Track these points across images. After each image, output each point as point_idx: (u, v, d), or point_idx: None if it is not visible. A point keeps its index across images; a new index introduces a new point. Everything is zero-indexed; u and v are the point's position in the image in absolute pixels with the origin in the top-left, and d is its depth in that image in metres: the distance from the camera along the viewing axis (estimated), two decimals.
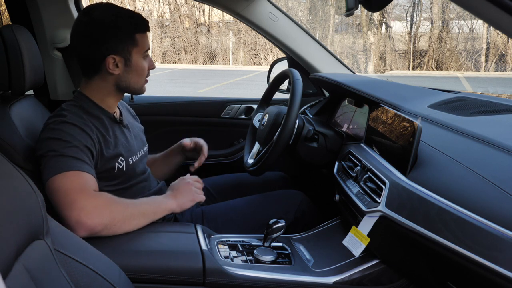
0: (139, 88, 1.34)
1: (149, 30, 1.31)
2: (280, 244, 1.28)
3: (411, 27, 15.28)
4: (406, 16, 15.69)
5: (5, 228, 0.59)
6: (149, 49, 1.32)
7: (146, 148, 1.47)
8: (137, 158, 1.36)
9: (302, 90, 1.39)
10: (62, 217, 1.09)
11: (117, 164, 1.26)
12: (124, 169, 1.29)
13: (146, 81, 1.36)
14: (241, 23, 2.03)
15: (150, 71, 1.35)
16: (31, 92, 1.88)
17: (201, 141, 1.60)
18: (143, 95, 1.39)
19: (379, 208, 1.03)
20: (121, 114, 1.40)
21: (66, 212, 1.08)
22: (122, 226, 1.13)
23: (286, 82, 1.79)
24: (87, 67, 1.28)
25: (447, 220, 0.85)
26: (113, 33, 1.23)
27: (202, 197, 1.32)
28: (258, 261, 1.17)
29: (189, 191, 1.30)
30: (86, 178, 1.14)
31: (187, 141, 1.60)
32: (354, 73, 2.08)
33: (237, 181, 1.74)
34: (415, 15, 15.46)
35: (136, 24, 1.27)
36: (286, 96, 1.97)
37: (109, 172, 1.26)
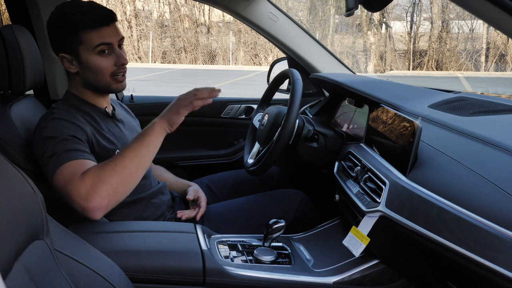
0: (104, 86, 1.28)
1: (101, 25, 1.22)
2: (280, 244, 1.28)
3: (411, 27, 15.29)
4: (406, 16, 15.70)
5: (5, 228, 0.59)
6: (105, 44, 1.23)
7: None
8: None
9: (302, 90, 1.39)
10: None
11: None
12: None
13: (116, 78, 1.28)
14: (241, 23, 2.03)
15: (127, 66, 1.30)
16: (31, 92, 1.88)
17: (202, 196, 1.50)
18: (143, 95, 1.39)
19: (379, 208, 1.04)
20: (114, 109, 1.40)
21: (73, 206, 1.08)
22: (125, 183, 1.11)
23: (286, 82, 1.79)
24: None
25: (447, 220, 0.85)
26: (57, 32, 1.24)
27: (188, 107, 1.20)
28: (258, 261, 1.17)
29: (177, 104, 1.20)
30: (74, 165, 1.11)
31: (190, 196, 1.50)
32: (354, 73, 2.08)
33: (237, 177, 1.74)
34: (415, 15, 15.48)
35: (78, 21, 1.20)
36: (286, 96, 1.97)
37: None
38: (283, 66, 2.10)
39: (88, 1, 1.27)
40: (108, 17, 1.23)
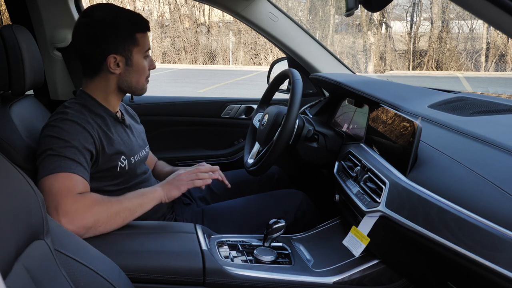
0: (140, 87, 1.34)
1: (149, 30, 1.32)
2: (280, 244, 1.28)
3: (411, 27, 15.29)
4: (406, 16, 15.70)
5: (5, 228, 0.59)
6: (149, 49, 1.32)
7: (147, 149, 1.47)
8: (139, 158, 1.36)
9: (302, 90, 1.39)
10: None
11: (119, 162, 1.26)
12: (127, 168, 1.29)
13: (147, 81, 1.36)
14: (241, 23, 2.03)
15: (151, 71, 1.35)
16: (31, 92, 1.88)
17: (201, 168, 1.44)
18: (143, 95, 1.39)
19: (379, 208, 1.04)
20: (122, 114, 1.40)
21: (51, 215, 1.07)
22: (108, 225, 1.12)
23: (286, 82, 1.79)
24: (89, 67, 1.29)
25: (447, 220, 0.85)
26: (113, 33, 1.23)
27: (189, 184, 1.27)
28: (258, 261, 1.17)
29: (179, 180, 1.27)
30: (75, 180, 1.12)
31: None
32: (354, 73, 2.08)
33: (237, 177, 1.74)
34: (415, 15, 15.47)
35: (136, 24, 1.27)
36: (286, 96, 1.97)
37: (111, 171, 1.26)
38: (283, 66, 2.10)
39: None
40: (148, 23, 1.32)
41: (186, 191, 1.61)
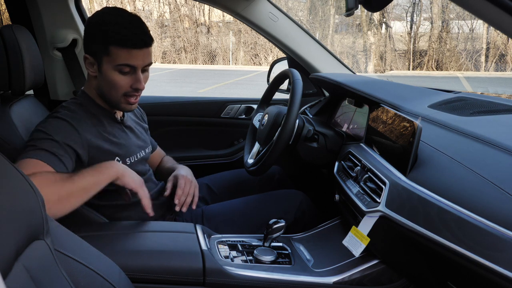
0: (114, 102, 1.27)
1: (137, 48, 1.20)
2: (280, 244, 1.28)
3: (411, 27, 15.28)
4: (406, 16, 15.69)
5: (5, 228, 0.59)
6: (128, 65, 1.21)
7: (148, 150, 1.47)
8: (136, 159, 1.36)
9: (302, 90, 1.39)
10: None
11: None
12: None
13: (129, 100, 1.27)
14: (241, 23, 2.03)
15: (148, 77, 1.29)
16: (31, 92, 1.88)
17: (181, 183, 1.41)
18: (143, 95, 1.38)
19: (379, 208, 1.04)
20: (123, 115, 1.39)
21: None
22: (60, 206, 1.06)
23: (286, 82, 1.78)
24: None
25: (447, 220, 0.85)
26: (92, 33, 1.24)
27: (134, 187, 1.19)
28: (258, 261, 1.17)
29: (134, 177, 1.20)
30: (36, 164, 1.09)
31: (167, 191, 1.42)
32: (354, 73, 2.08)
33: (238, 176, 1.74)
34: (415, 15, 15.47)
35: (116, 36, 1.18)
36: (286, 96, 1.97)
37: None
38: (283, 66, 2.10)
39: (134, 15, 1.24)
40: (141, 41, 1.20)
41: None
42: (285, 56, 2.11)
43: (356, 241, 1.11)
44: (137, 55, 1.21)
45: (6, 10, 1.97)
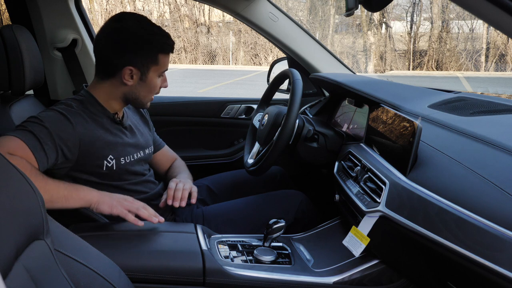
0: (145, 102, 1.36)
1: (172, 52, 1.32)
2: (280, 244, 1.28)
3: (411, 27, 15.28)
4: (406, 16, 15.69)
5: (5, 228, 0.59)
6: (166, 69, 1.33)
7: (149, 150, 1.46)
8: (132, 159, 1.35)
9: (302, 90, 1.39)
10: None
11: (105, 162, 1.27)
12: (114, 168, 1.29)
13: (152, 99, 1.38)
14: (241, 23, 2.03)
15: (163, 85, 1.37)
16: (31, 92, 1.88)
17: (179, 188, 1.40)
18: None
19: (379, 208, 1.03)
20: (123, 115, 1.39)
21: None
22: None
23: (286, 82, 1.78)
24: (103, 70, 1.29)
25: (447, 220, 0.85)
26: (138, 47, 1.24)
27: (120, 212, 1.17)
28: (258, 261, 1.17)
29: (118, 201, 1.18)
30: (18, 144, 1.09)
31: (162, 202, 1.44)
32: (354, 73, 2.08)
33: (238, 177, 1.74)
34: (415, 15, 15.46)
35: (163, 44, 1.27)
36: (286, 96, 1.97)
37: (97, 169, 1.26)
38: (283, 66, 2.10)
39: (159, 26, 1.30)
40: (173, 45, 1.31)
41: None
42: (285, 56, 2.11)
43: (356, 241, 1.11)
44: (169, 59, 1.33)
45: (6, 10, 1.97)
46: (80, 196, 1.15)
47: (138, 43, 1.24)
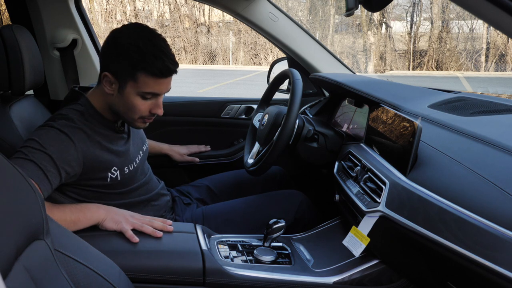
0: (129, 121, 1.26)
1: (162, 77, 1.18)
2: (280, 244, 1.28)
3: (411, 27, 15.28)
4: (406, 16, 15.69)
5: (5, 228, 0.59)
6: (155, 94, 1.21)
7: (145, 147, 1.47)
8: (135, 165, 1.34)
9: (302, 90, 1.39)
10: None
11: (109, 174, 1.25)
12: (119, 178, 1.27)
13: (144, 122, 1.27)
14: (241, 23, 2.03)
15: (153, 111, 1.25)
16: (31, 92, 1.88)
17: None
18: None
19: (379, 208, 1.04)
20: (122, 124, 1.35)
21: None
22: None
23: (286, 82, 1.78)
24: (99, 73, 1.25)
25: (447, 220, 0.85)
26: (122, 56, 1.16)
27: (132, 224, 1.17)
28: (258, 261, 1.17)
29: (125, 217, 1.18)
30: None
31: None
32: (354, 73, 2.08)
33: (238, 177, 1.74)
34: (415, 15, 15.46)
35: (150, 65, 1.15)
36: (286, 96, 1.97)
37: (101, 181, 1.24)
38: (283, 66, 2.10)
39: (163, 39, 1.21)
40: (169, 70, 1.18)
41: (186, 192, 1.61)
42: (285, 56, 2.11)
43: (356, 241, 1.11)
44: (163, 83, 1.20)
45: (6, 10, 1.97)
46: (87, 217, 1.15)
47: (125, 52, 1.15)
